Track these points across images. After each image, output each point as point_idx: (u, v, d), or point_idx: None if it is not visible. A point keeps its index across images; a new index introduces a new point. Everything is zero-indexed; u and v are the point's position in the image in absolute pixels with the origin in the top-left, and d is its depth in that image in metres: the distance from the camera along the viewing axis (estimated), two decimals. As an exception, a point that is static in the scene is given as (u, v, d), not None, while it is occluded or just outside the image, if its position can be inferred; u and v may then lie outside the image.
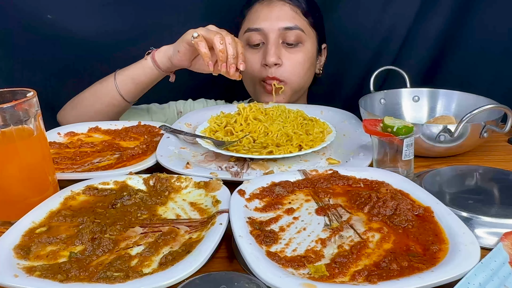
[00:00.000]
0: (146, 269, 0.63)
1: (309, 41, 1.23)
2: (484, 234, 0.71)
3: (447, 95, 1.16)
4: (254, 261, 0.60)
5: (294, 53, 1.21)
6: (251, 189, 0.78)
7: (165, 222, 0.74)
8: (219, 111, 1.11)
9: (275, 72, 1.20)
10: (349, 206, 0.75)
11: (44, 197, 0.78)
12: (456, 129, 0.91)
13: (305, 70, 1.24)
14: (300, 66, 1.22)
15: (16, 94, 0.77)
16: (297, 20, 1.21)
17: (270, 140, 0.96)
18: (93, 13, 1.39)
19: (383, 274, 0.58)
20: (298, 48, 1.21)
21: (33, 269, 0.62)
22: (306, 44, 1.22)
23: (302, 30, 1.20)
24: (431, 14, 1.40)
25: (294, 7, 1.21)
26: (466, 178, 0.88)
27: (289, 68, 1.21)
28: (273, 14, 1.21)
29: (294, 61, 1.21)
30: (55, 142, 1.06)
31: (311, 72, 1.28)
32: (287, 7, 1.21)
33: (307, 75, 1.26)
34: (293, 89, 1.23)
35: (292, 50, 1.21)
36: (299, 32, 1.20)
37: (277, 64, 1.19)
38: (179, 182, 0.85)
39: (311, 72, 1.28)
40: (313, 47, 1.25)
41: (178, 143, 1.03)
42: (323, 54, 1.33)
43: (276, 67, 1.20)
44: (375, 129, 0.86)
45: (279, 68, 1.20)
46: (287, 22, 1.19)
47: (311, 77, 1.29)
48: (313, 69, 1.29)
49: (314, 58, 1.26)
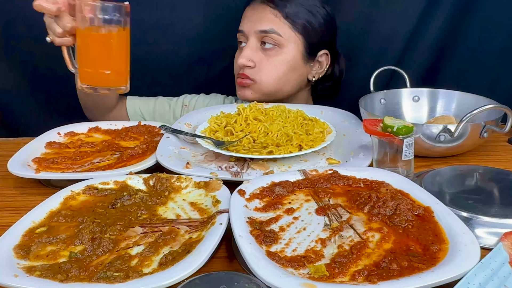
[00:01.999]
0: (146, 269, 0.63)
1: (290, 45, 1.22)
2: (484, 234, 0.71)
3: (447, 95, 1.16)
4: (254, 261, 0.60)
5: (270, 56, 1.22)
6: (251, 189, 0.78)
7: (165, 222, 0.74)
8: (219, 111, 1.11)
9: (246, 71, 1.23)
10: (349, 206, 0.75)
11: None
12: (456, 129, 0.91)
13: (281, 73, 1.23)
14: (274, 69, 1.22)
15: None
16: (275, 24, 1.20)
17: (270, 140, 0.96)
18: None
19: (383, 274, 0.58)
20: (275, 51, 1.22)
21: (33, 269, 0.62)
22: (284, 48, 1.22)
23: (279, 34, 1.20)
24: (433, 15, 1.40)
25: (274, 10, 1.21)
26: (466, 178, 0.88)
27: (262, 71, 1.22)
28: (254, 17, 1.23)
29: (268, 65, 1.22)
30: (55, 142, 1.06)
31: (293, 77, 1.26)
32: (268, 10, 1.21)
33: (283, 80, 1.24)
34: (263, 91, 1.23)
35: (269, 53, 1.22)
36: (275, 36, 1.20)
37: (248, 66, 1.22)
38: (179, 182, 0.85)
39: (294, 77, 1.26)
40: (296, 51, 1.23)
41: (178, 143, 1.03)
42: (323, 62, 1.29)
43: (248, 69, 1.23)
44: (375, 129, 0.86)
45: (251, 69, 1.23)
46: (264, 25, 1.20)
47: (295, 82, 1.27)
48: (298, 75, 1.27)
49: (296, 63, 1.24)
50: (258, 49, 1.22)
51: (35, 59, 1.41)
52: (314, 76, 1.29)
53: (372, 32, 1.45)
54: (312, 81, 1.30)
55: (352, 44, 1.45)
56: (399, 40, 1.45)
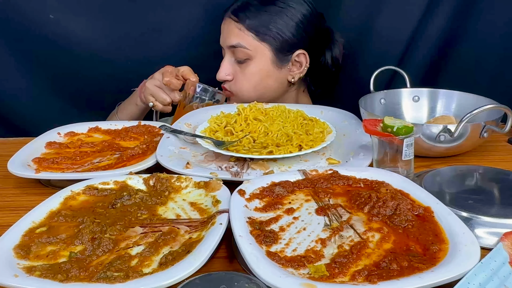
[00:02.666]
0: (146, 269, 0.63)
1: (258, 55, 1.22)
2: (484, 234, 0.71)
3: (447, 95, 1.15)
4: (254, 261, 0.60)
5: (243, 69, 1.24)
6: (251, 189, 0.78)
7: (165, 222, 0.74)
8: (219, 111, 1.11)
9: (226, 84, 1.28)
10: (349, 206, 0.75)
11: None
12: (456, 129, 0.91)
13: (255, 83, 1.25)
14: (248, 81, 1.25)
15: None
16: (240, 38, 1.21)
17: (270, 140, 0.96)
18: (94, 14, 1.38)
19: (383, 274, 0.58)
20: (246, 63, 1.23)
21: (33, 269, 0.62)
22: (254, 59, 1.22)
23: (245, 47, 1.21)
24: (433, 15, 1.40)
25: (238, 23, 1.21)
26: (466, 178, 0.88)
27: (237, 83, 1.26)
28: (224, 32, 1.25)
29: (242, 77, 1.25)
30: (55, 142, 1.06)
31: (270, 83, 1.26)
32: (233, 25, 1.22)
33: (260, 88, 1.26)
34: (244, 100, 1.24)
35: (242, 65, 1.24)
36: (242, 49, 1.21)
37: (226, 80, 1.26)
38: (179, 182, 0.85)
39: (271, 83, 1.26)
40: (265, 60, 1.23)
41: (178, 143, 1.03)
42: (302, 61, 1.27)
43: (228, 82, 1.27)
44: (375, 129, 0.86)
45: (230, 82, 1.27)
46: (231, 40, 1.22)
47: (273, 87, 1.27)
48: (274, 80, 1.26)
49: (269, 70, 1.24)
50: (233, 62, 1.25)
51: (35, 58, 1.41)
52: (294, 77, 1.28)
53: (372, 32, 1.44)
54: (292, 82, 1.29)
55: (352, 44, 1.44)
56: (399, 40, 1.44)
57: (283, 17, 1.22)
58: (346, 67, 1.43)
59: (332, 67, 1.34)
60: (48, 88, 1.46)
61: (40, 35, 1.37)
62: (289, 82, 1.29)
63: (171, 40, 1.43)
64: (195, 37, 1.43)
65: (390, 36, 1.44)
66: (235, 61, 1.25)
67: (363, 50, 1.47)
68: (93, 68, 1.42)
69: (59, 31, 1.37)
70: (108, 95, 1.40)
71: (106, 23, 1.39)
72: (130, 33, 1.41)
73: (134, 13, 1.41)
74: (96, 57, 1.40)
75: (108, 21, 1.40)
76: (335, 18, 1.39)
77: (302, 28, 1.24)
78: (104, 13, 1.39)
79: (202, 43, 1.44)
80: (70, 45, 1.38)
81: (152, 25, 1.41)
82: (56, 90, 1.46)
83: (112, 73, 1.40)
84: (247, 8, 1.22)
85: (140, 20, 1.41)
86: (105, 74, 1.41)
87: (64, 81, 1.45)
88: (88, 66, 1.42)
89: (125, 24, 1.40)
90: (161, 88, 1.21)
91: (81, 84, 1.45)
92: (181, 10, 1.42)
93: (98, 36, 1.40)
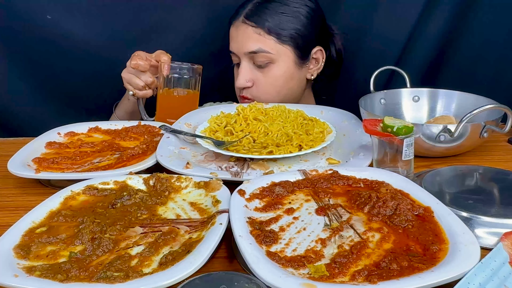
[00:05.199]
0: (146, 269, 0.63)
1: (281, 58, 1.22)
2: (484, 234, 0.71)
3: (447, 95, 1.15)
4: (254, 261, 0.60)
5: (265, 73, 1.23)
6: (251, 189, 0.78)
7: (165, 222, 0.74)
8: (219, 111, 1.11)
9: (246, 92, 1.26)
10: (349, 206, 0.75)
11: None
12: (456, 129, 0.91)
13: (279, 87, 1.24)
14: (272, 86, 1.24)
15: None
16: (261, 42, 1.20)
17: (270, 140, 0.96)
18: (93, 14, 1.38)
19: (383, 274, 0.58)
20: (268, 68, 1.22)
21: (33, 269, 0.62)
22: (277, 63, 1.22)
23: (267, 52, 1.20)
24: (433, 15, 1.40)
25: (257, 28, 1.20)
26: (466, 178, 0.88)
27: (260, 88, 1.24)
28: (239, 38, 1.23)
29: (265, 82, 1.23)
30: (55, 142, 1.06)
31: (293, 84, 1.27)
32: (250, 30, 1.20)
33: (284, 91, 1.25)
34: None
35: (263, 70, 1.23)
36: (264, 54, 1.20)
37: (246, 87, 1.24)
38: (179, 182, 0.85)
39: (294, 85, 1.27)
40: (288, 62, 1.23)
41: (178, 143, 1.03)
42: (319, 58, 1.29)
43: (247, 89, 1.24)
44: (375, 129, 0.86)
45: (250, 89, 1.25)
46: (251, 46, 1.20)
47: (296, 88, 1.28)
48: (297, 80, 1.27)
49: (292, 72, 1.25)
50: (252, 68, 1.24)
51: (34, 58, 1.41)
52: (312, 74, 1.30)
53: (372, 32, 1.45)
54: (311, 79, 1.30)
55: (352, 44, 1.44)
56: (399, 40, 1.44)
57: (299, 16, 1.23)
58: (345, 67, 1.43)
59: (337, 59, 1.35)
60: (46, 89, 1.46)
61: (37, 36, 1.37)
62: (307, 80, 1.30)
63: (171, 40, 1.43)
64: (195, 37, 1.43)
65: (389, 36, 1.44)
66: (254, 66, 1.23)
67: (362, 50, 1.47)
68: (91, 69, 1.42)
69: (57, 31, 1.37)
70: (106, 96, 1.40)
71: (104, 23, 1.39)
72: (129, 33, 1.41)
73: (133, 13, 1.41)
74: (95, 57, 1.40)
75: (106, 21, 1.40)
76: (334, 18, 1.39)
77: (315, 25, 1.26)
78: (103, 13, 1.39)
79: (202, 43, 1.44)
80: (68, 45, 1.38)
81: (151, 25, 1.41)
82: (54, 91, 1.46)
83: (111, 74, 1.40)
84: (263, 12, 1.21)
85: (139, 20, 1.41)
86: (104, 75, 1.41)
87: (62, 82, 1.45)
88: (86, 67, 1.42)
89: (124, 25, 1.40)
90: (134, 74, 1.19)
91: (79, 85, 1.46)
92: (180, 10, 1.42)
93: (97, 37, 1.40)
